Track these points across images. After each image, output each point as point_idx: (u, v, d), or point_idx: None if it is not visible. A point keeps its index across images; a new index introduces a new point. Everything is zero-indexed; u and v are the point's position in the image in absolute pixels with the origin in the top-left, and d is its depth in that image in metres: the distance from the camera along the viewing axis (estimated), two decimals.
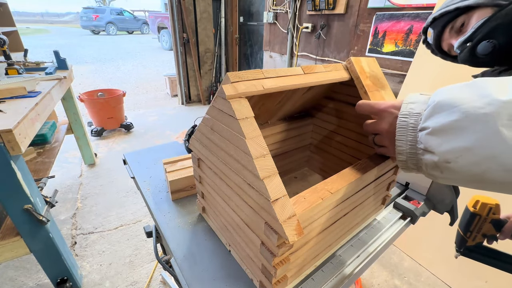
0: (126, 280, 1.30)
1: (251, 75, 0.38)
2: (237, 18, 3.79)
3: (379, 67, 0.55)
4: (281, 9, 2.59)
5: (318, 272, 0.49)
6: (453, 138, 0.29)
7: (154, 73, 5.77)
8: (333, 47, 2.16)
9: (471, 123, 0.28)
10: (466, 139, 0.28)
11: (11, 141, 0.78)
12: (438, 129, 0.31)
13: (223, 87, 0.35)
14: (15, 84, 1.07)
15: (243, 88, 0.36)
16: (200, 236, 0.56)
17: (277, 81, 0.40)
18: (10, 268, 1.33)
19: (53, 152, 1.56)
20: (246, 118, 0.35)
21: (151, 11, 13.32)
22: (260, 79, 0.39)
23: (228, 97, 0.35)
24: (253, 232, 0.40)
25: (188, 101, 3.90)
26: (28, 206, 0.89)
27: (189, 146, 0.52)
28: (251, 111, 0.36)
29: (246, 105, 0.36)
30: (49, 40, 11.24)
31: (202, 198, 0.58)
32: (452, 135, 0.29)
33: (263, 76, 0.39)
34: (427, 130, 0.32)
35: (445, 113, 0.30)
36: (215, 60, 3.83)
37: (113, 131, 2.92)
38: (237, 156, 0.36)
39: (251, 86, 0.37)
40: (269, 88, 0.39)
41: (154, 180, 0.75)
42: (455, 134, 0.29)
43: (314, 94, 0.61)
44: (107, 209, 1.77)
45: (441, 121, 0.30)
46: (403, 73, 1.68)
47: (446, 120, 0.30)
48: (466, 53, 0.58)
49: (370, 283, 1.35)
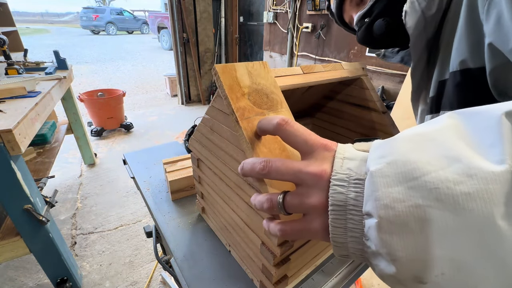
0: (126, 280, 1.30)
1: None
2: (237, 18, 3.79)
3: (272, 74, 0.37)
4: (281, 9, 2.59)
5: (318, 272, 0.49)
6: (416, 241, 0.17)
7: (154, 73, 5.77)
8: (333, 47, 2.16)
9: (446, 213, 0.16)
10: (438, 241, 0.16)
11: (11, 141, 0.78)
12: (390, 221, 0.17)
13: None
14: (15, 84, 1.07)
15: None
16: (200, 236, 0.56)
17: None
18: (10, 268, 1.33)
19: (53, 152, 1.56)
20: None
21: (151, 11, 13.31)
22: None
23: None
24: (253, 232, 0.40)
25: (188, 101, 3.90)
26: (28, 206, 0.89)
27: (189, 146, 0.52)
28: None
29: None
30: (49, 40, 11.24)
31: (201, 199, 0.58)
32: (413, 236, 0.17)
33: None
34: (373, 221, 0.19)
35: (399, 188, 0.17)
36: (215, 60, 3.83)
37: (113, 131, 2.92)
38: (237, 156, 0.36)
39: None
40: None
41: (154, 180, 0.75)
42: (417, 235, 0.17)
43: (314, 93, 0.61)
44: (107, 209, 1.77)
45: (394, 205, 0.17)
46: (403, 73, 1.68)
47: (402, 206, 0.17)
48: (363, 31, 0.49)
49: (370, 283, 1.35)
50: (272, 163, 0.25)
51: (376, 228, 0.18)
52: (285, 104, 0.36)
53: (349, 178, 0.21)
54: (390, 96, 1.84)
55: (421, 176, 0.17)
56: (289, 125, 0.26)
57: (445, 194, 0.16)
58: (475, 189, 0.15)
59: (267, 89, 0.35)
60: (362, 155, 0.22)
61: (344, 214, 0.21)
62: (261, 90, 0.35)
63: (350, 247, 0.22)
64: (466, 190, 0.15)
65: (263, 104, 0.34)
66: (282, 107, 0.35)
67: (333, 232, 0.22)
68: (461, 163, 0.16)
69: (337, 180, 0.21)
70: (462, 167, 0.16)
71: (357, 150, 0.23)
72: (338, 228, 0.21)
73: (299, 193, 0.24)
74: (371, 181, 0.19)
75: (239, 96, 0.33)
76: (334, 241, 0.22)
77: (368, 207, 0.19)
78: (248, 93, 0.33)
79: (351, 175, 0.21)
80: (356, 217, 0.20)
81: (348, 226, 0.21)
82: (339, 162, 0.22)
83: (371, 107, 0.55)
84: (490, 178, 0.15)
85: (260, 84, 0.35)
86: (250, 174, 0.26)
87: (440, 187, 0.16)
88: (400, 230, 0.17)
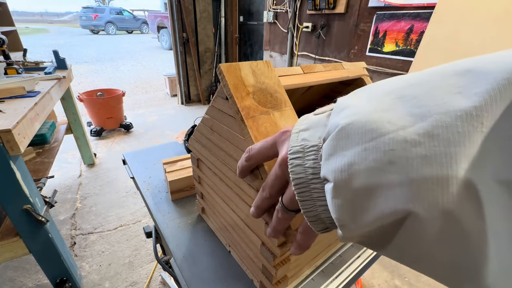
0: (126, 280, 1.30)
1: None
2: (237, 18, 3.78)
3: (275, 73, 0.37)
4: (281, 8, 2.59)
5: (318, 272, 0.49)
6: (362, 205, 0.16)
7: (154, 73, 5.76)
8: (334, 47, 2.16)
9: (395, 177, 0.14)
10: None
11: (10, 141, 0.78)
12: (341, 186, 0.17)
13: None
14: (14, 84, 1.07)
15: None
16: (200, 236, 0.56)
17: None
18: (10, 268, 1.33)
19: (52, 152, 1.56)
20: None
21: (151, 11, 13.29)
22: None
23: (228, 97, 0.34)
24: (253, 233, 0.39)
25: (187, 101, 3.89)
26: (28, 207, 0.89)
27: (188, 146, 0.52)
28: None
29: None
30: (48, 39, 11.22)
31: (201, 199, 0.58)
32: (362, 201, 0.16)
33: None
34: (329, 185, 0.18)
35: (354, 150, 0.16)
36: (215, 59, 3.83)
37: (113, 131, 2.92)
38: (237, 156, 0.36)
39: None
40: None
41: (154, 180, 0.75)
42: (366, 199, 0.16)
43: (314, 93, 0.61)
44: (106, 210, 1.76)
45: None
46: (403, 73, 1.68)
47: (354, 169, 0.16)
48: None
49: (370, 283, 1.35)
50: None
51: (330, 193, 0.17)
52: (289, 103, 0.36)
53: (304, 148, 0.20)
54: None
55: (378, 137, 0.15)
56: (252, 149, 0.28)
57: (399, 156, 0.14)
58: (433, 152, 0.13)
59: (271, 88, 0.35)
60: (317, 119, 0.21)
61: (307, 185, 0.20)
62: (265, 89, 0.35)
63: (324, 217, 0.20)
64: (424, 153, 0.14)
65: (268, 103, 0.34)
66: (286, 106, 0.35)
67: (303, 207, 0.21)
68: (425, 122, 0.14)
69: (293, 153, 0.21)
70: (425, 126, 0.14)
71: (316, 114, 0.22)
72: (307, 201, 0.20)
73: (289, 188, 0.24)
74: (329, 144, 0.18)
75: (244, 95, 0.33)
76: (307, 216, 0.21)
77: (324, 171, 0.18)
78: (253, 92, 0.34)
79: (305, 145, 0.20)
80: (319, 185, 0.20)
81: (314, 196, 0.20)
82: (295, 137, 0.22)
83: None
84: (453, 139, 0.13)
85: (265, 83, 0.35)
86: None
87: (396, 148, 0.14)
88: (351, 195, 0.16)
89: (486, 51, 1.08)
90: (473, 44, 1.06)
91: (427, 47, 1.23)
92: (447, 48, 1.14)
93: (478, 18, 1.05)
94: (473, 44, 1.06)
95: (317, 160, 0.20)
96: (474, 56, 0.16)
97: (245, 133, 0.32)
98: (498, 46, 0.99)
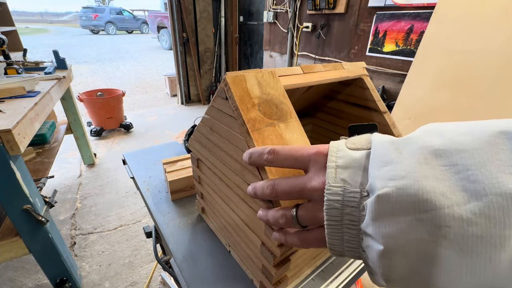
0: (126, 280, 1.30)
1: None
2: (237, 18, 3.78)
3: (280, 83, 0.37)
4: (281, 8, 2.59)
5: (318, 272, 0.49)
6: (413, 271, 0.17)
7: (154, 73, 5.76)
8: (334, 47, 2.16)
9: (450, 252, 0.15)
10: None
11: (10, 141, 0.78)
12: (391, 251, 0.18)
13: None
14: (14, 84, 1.07)
15: None
16: (199, 236, 0.56)
17: None
18: (9, 268, 1.33)
19: (52, 152, 1.56)
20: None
21: (151, 11, 13.30)
22: None
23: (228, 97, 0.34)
24: (253, 233, 0.39)
25: (187, 101, 3.89)
26: (27, 207, 0.89)
27: (188, 146, 0.52)
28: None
29: None
30: (48, 39, 11.22)
31: (201, 199, 0.58)
32: (410, 265, 0.17)
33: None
34: (374, 244, 0.19)
35: (406, 218, 0.16)
36: (215, 59, 3.83)
37: (113, 131, 2.92)
38: (237, 156, 0.36)
39: None
40: None
41: (154, 180, 0.75)
42: (415, 264, 0.17)
43: (314, 93, 0.61)
44: (106, 210, 1.76)
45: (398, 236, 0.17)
46: (403, 73, 1.68)
47: (406, 237, 0.17)
48: None
49: (370, 283, 1.35)
50: (277, 186, 0.26)
51: (378, 254, 0.18)
52: (294, 114, 0.36)
53: (344, 192, 0.20)
54: (390, 96, 1.84)
55: (432, 210, 0.15)
56: (278, 154, 0.26)
57: (455, 233, 0.15)
58: (489, 233, 0.14)
59: (276, 99, 0.35)
60: (356, 158, 0.21)
61: (340, 228, 0.21)
62: (270, 101, 0.35)
63: (347, 254, 0.22)
64: (479, 233, 0.14)
65: (273, 114, 0.34)
66: (291, 117, 0.35)
67: (330, 243, 0.22)
68: (481, 201, 0.14)
69: (331, 194, 0.21)
70: (481, 206, 0.14)
71: (351, 149, 0.22)
72: (335, 240, 0.22)
73: (309, 207, 0.24)
74: (376, 205, 0.18)
75: (250, 107, 0.33)
76: (331, 249, 0.23)
77: (370, 230, 0.19)
78: (258, 104, 0.34)
79: (346, 189, 0.20)
80: (353, 231, 0.20)
81: (345, 238, 0.21)
82: (332, 173, 0.21)
83: (371, 107, 0.55)
84: (509, 223, 0.14)
85: (270, 94, 0.35)
86: (261, 198, 0.28)
87: (452, 226, 0.15)
88: (399, 259, 0.17)
89: (486, 51, 1.08)
90: (473, 44, 1.06)
91: (427, 47, 1.23)
92: (447, 48, 1.14)
93: (478, 18, 1.05)
94: (473, 44, 1.06)
95: (357, 209, 0.20)
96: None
97: (250, 146, 0.32)
98: (498, 46, 0.99)
